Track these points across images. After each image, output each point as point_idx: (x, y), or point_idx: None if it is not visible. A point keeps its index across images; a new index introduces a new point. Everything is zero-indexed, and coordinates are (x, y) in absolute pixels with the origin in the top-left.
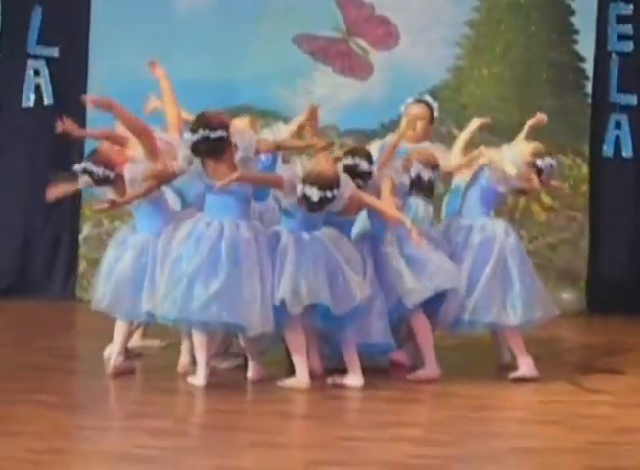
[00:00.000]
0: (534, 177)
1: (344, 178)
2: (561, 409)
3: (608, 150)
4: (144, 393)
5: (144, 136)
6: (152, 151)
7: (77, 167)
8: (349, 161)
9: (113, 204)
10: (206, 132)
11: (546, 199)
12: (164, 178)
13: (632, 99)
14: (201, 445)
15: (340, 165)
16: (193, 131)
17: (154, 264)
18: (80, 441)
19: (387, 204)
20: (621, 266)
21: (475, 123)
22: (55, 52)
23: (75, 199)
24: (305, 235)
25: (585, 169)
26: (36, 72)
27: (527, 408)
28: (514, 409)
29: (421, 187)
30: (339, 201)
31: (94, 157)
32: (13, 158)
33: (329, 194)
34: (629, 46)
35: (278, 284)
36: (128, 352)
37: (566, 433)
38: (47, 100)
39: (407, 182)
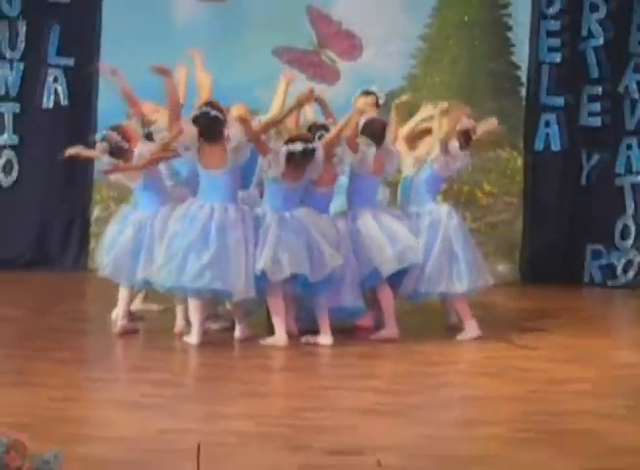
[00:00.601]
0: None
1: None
2: (501, 364)
3: (539, 145)
4: (146, 350)
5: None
6: (175, 121)
7: (98, 135)
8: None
9: (116, 168)
10: (207, 109)
11: (487, 186)
12: (168, 153)
13: (560, 101)
14: (195, 394)
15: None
16: (197, 108)
17: (150, 239)
18: (92, 390)
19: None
20: (550, 243)
21: (425, 111)
22: (71, 62)
23: (87, 185)
24: (287, 214)
25: (520, 161)
26: (55, 79)
27: (473, 363)
28: (462, 363)
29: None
30: (317, 166)
31: (116, 128)
32: (34, 150)
33: (310, 145)
34: (558, 57)
35: (260, 255)
36: (132, 315)
37: (506, 384)
38: (63, 102)
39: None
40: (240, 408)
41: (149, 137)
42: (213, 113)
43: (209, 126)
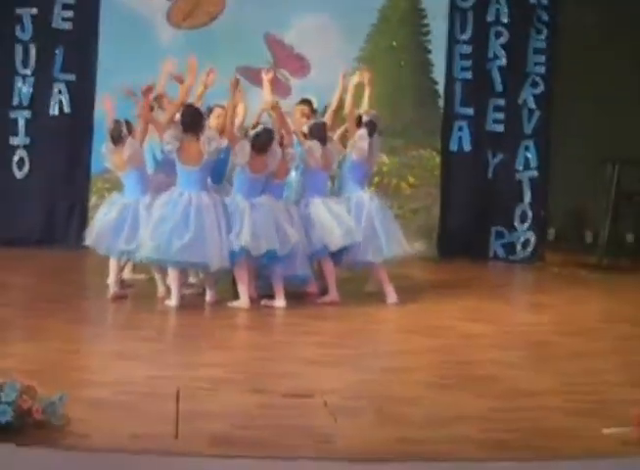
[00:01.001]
0: None
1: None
2: (418, 322)
3: (453, 146)
4: (134, 312)
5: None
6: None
7: (114, 117)
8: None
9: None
10: (192, 105)
11: (411, 179)
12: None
13: (470, 111)
14: (174, 347)
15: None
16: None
17: (133, 219)
18: (91, 344)
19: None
20: (462, 225)
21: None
22: (73, 77)
23: (86, 178)
24: (255, 200)
25: (438, 159)
26: (59, 91)
27: (397, 322)
28: (389, 322)
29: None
30: (275, 156)
31: (127, 121)
32: (42, 150)
33: (268, 126)
34: (469, 75)
35: (239, 235)
36: (123, 283)
37: (425, 338)
38: (67, 110)
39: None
40: (211, 359)
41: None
42: (196, 108)
43: (192, 119)
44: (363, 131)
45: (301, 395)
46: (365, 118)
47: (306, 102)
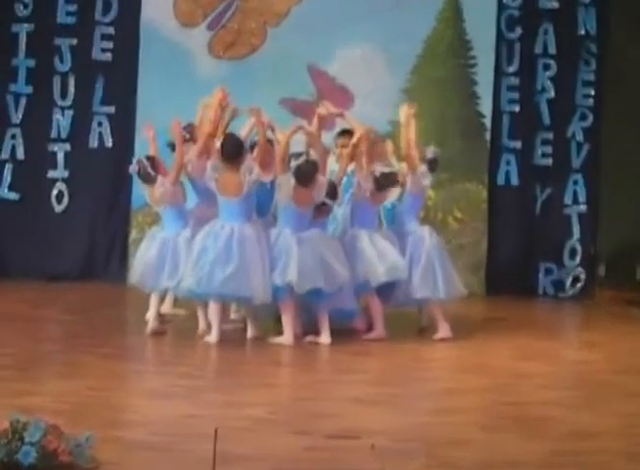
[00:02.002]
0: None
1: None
2: (469, 361)
3: (500, 180)
4: (172, 347)
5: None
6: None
7: (136, 159)
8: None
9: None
10: (232, 134)
11: (457, 213)
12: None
13: (518, 144)
14: (213, 385)
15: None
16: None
17: (174, 254)
18: (126, 381)
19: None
20: (510, 261)
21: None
22: (112, 110)
23: (126, 212)
24: (302, 235)
25: (485, 193)
26: (99, 124)
27: (448, 360)
28: (439, 361)
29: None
30: (321, 189)
31: (149, 157)
32: (82, 184)
33: (309, 156)
34: (516, 107)
35: (285, 270)
36: (162, 318)
37: (478, 377)
38: (107, 143)
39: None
40: (251, 398)
41: (172, 147)
42: (236, 138)
43: (232, 149)
44: (425, 168)
45: (347, 436)
46: (429, 156)
47: (347, 132)
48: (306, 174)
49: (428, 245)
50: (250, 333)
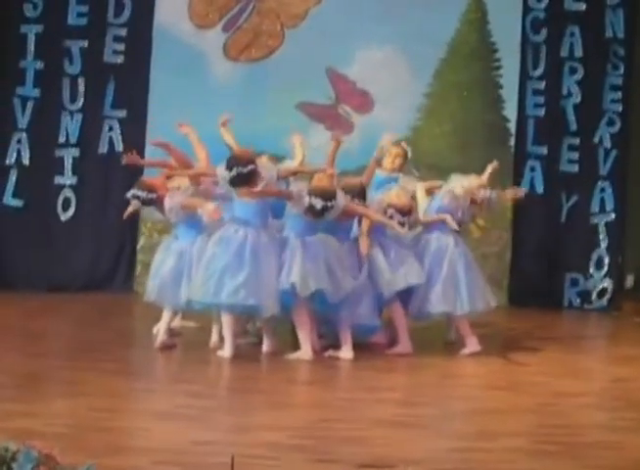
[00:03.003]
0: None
1: (340, 193)
2: (505, 377)
3: (525, 187)
4: (182, 363)
5: (187, 167)
6: (193, 178)
7: (128, 194)
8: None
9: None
10: (239, 169)
11: (480, 221)
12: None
13: (543, 150)
14: (227, 405)
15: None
16: (229, 169)
17: (190, 265)
18: (131, 401)
19: (372, 212)
20: (534, 271)
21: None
22: (124, 114)
23: (134, 219)
24: (308, 238)
25: (509, 202)
26: (110, 128)
27: (479, 377)
28: (468, 377)
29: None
30: (336, 210)
31: (138, 184)
32: (91, 190)
33: (329, 203)
34: (541, 112)
35: (289, 273)
36: (171, 331)
37: (514, 396)
38: (117, 148)
39: None
40: (269, 420)
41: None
42: (247, 169)
43: (246, 183)
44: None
45: (381, 465)
46: (477, 197)
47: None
48: (319, 211)
49: (451, 253)
50: (265, 347)
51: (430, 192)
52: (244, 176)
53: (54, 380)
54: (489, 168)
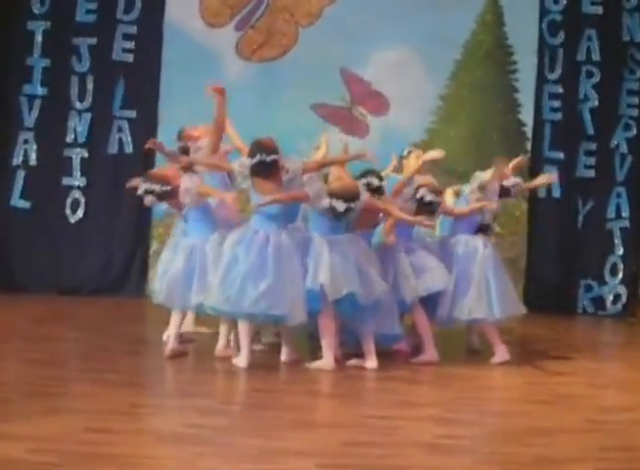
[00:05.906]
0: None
1: (363, 189)
2: (545, 390)
3: (541, 192)
4: (194, 373)
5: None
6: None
7: (140, 191)
8: (363, 180)
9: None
10: (262, 156)
11: (496, 227)
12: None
13: (560, 155)
14: (244, 424)
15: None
16: (251, 156)
17: (202, 265)
18: (133, 420)
19: (395, 209)
20: (549, 277)
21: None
22: (133, 114)
23: (147, 222)
24: (335, 237)
25: (525, 207)
26: (119, 129)
27: (516, 389)
28: (506, 390)
29: (424, 207)
30: (358, 209)
31: (149, 178)
32: (100, 191)
33: (352, 205)
34: (558, 116)
35: (316, 275)
36: (182, 337)
37: (561, 412)
38: (127, 149)
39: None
40: (294, 443)
41: (185, 151)
42: (270, 158)
43: (268, 173)
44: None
45: None
46: (506, 183)
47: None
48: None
49: (480, 257)
50: (284, 356)
51: (457, 194)
52: (266, 165)
53: (47, 394)
54: (515, 161)
